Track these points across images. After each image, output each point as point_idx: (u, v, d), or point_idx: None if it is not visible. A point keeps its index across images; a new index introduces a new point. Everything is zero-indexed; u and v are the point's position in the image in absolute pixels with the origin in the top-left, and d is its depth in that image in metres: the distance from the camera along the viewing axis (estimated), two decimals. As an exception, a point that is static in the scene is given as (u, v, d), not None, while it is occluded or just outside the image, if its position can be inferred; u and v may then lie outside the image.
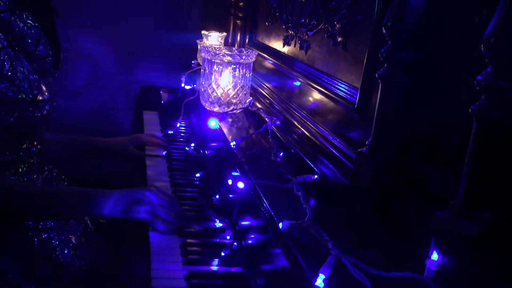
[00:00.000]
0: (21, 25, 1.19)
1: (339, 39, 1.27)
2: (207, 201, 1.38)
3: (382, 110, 0.91)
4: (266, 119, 1.42)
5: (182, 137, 1.99)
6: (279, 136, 1.30)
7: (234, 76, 1.58)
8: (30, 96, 1.18)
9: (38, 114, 1.22)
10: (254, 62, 1.63)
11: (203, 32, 2.29)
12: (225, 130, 1.45)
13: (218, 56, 1.57)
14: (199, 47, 2.35)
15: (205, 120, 1.85)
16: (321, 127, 1.25)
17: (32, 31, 1.22)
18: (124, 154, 1.72)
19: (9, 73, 1.14)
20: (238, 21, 2.32)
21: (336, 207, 0.93)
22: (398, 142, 0.89)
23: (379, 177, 0.90)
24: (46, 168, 1.36)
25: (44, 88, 1.25)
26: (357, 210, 0.91)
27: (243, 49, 1.64)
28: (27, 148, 1.27)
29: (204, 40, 2.28)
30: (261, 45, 2.07)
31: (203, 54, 1.62)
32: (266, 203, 0.96)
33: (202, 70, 1.65)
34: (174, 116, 2.30)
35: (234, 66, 1.57)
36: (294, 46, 1.63)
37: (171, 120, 2.24)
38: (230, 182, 1.15)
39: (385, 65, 0.90)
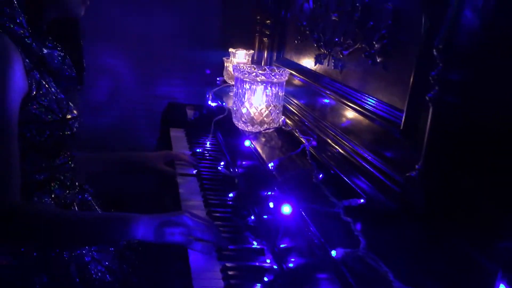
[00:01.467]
0: (45, 50, 1.20)
1: (379, 59, 1.25)
2: (243, 222, 1.37)
3: (434, 133, 0.89)
4: (302, 139, 1.40)
5: (210, 155, 1.99)
6: (318, 157, 1.29)
7: (267, 95, 1.57)
8: (60, 115, 1.20)
9: (68, 132, 1.23)
10: (282, 79, 1.63)
11: (230, 49, 2.30)
12: (260, 150, 1.44)
13: (251, 76, 1.56)
14: (225, 64, 2.36)
15: (235, 139, 1.84)
16: (359, 147, 1.23)
17: (56, 54, 1.24)
18: (155, 170, 1.71)
19: (38, 95, 1.15)
20: (265, 39, 2.32)
21: (389, 233, 0.91)
22: (452, 166, 0.87)
23: (433, 202, 0.87)
24: (77, 183, 1.36)
25: (71, 105, 1.26)
26: (411, 237, 0.88)
27: (275, 68, 1.63)
28: (59, 166, 1.27)
29: (231, 57, 2.28)
30: (290, 62, 2.07)
31: (236, 74, 1.61)
32: (313, 228, 0.95)
33: (234, 89, 1.64)
34: (201, 133, 2.30)
35: (267, 85, 1.56)
36: (328, 64, 1.62)
37: (198, 138, 2.24)
38: (271, 204, 1.13)
39: (436, 87, 0.89)
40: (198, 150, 2.05)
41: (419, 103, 1.00)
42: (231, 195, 1.55)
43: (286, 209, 0.99)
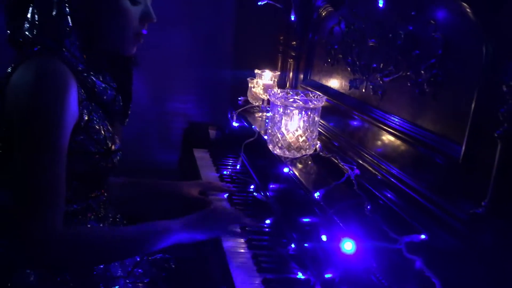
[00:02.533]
0: (99, 83, 1.21)
1: (428, 89, 1.24)
2: (284, 250, 1.35)
3: (504, 170, 0.88)
4: (344, 167, 1.39)
5: (239, 178, 1.96)
6: (363, 186, 1.27)
7: (304, 121, 1.56)
8: (105, 147, 1.20)
9: (110, 165, 1.23)
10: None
11: (256, 71, 2.29)
12: (300, 177, 1.42)
13: (289, 101, 1.55)
14: (250, 84, 2.35)
15: (265, 162, 1.83)
16: (407, 177, 1.21)
17: (108, 88, 1.25)
18: (188, 198, 1.68)
19: (87, 125, 1.15)
20: (290, 60, 2.32)
21: (456, 273, 0.89)
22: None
23: (503, 241, 0.86)
24: (110, 215, 1.35)
25: (117, 138, 1.27)
26: (480, 277, 0.86)
27: (309, 93, 1.62)
28: (96, 197, 1.27)
29: (257, 78, 2.28)
30: (318, 84, 2.06)
31: (272, 99, 1.60)
32: (375, 264, 0.93)
33: (270, 114, 1.63)
34: (225, 154, 2.28)
35: (304, 111, 1.55)
36: (365, 90, 1.61)
37: (223, 159, 2.22)
38: (324, 238, 1.11)
39: (506, 124, 0.87)
40: (225, 172, 2.03)
41: (482, 138, 0.98)
42: (268, 221, 1.53)
43: (348, 245, 0.97)
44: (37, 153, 1.03)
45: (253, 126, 1.96)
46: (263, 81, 2.24)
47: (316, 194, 1.26)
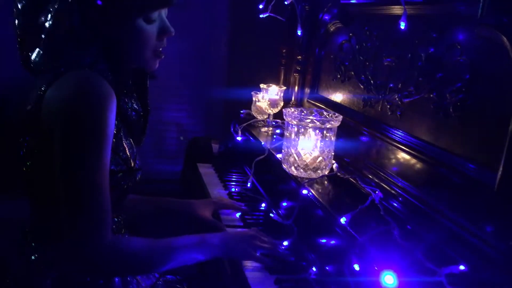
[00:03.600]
0: (125, 106, 1.21)
1: (454, 113, 1.23)
2: (306, 274, 1.33)
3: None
4: (366, 188, 1.37)
5: (248, 196, 1.93)
6: (389, 210, 1.25)
7: (320, 141, 1.54)
8: (128, 165, 1.18)
9: (130, 184, 1.21)
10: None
11: (262, 85, 2.27)
12: (322, 200, 1.40)
13: (306, 121, 1.53)
14: (254, 98, 2.32)
15: (276, 180, 1.80)
16: (434, 200, 1.20)
17: (133, 109, 1.24)
18: (200, 219, 1.65)
19: (116, 144, 1.14)
20: (296, 74, 2.30)
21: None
22: None
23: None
24: (121, 232, 1.32)
25: (138, 156, 1.25)
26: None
27: (323, 111, 1.60)
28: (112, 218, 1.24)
29: (263, 93, 2.25)
30: (326, 100, 2.04)
31: (288, 119, 1.58)
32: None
33: (286, 134, 1.61)
34: (229, 169, 2.25)
35: (320, 131, 1.53)
36: (381, 109, 1.60)
37: (228, 174, 2.19)
38: (357, 267, 1.09)
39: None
40: (233, 189, 2.00)
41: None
42: (285, 243, 1.50)
43: (389, 279, 0.95)
44: (87, 167, 1.02)
45: (262, 143, 1.94)
46: (269, 96, 2.22)
47: (343, 220, 1.24)
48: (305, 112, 1.64)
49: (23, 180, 1.16)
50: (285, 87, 2.25)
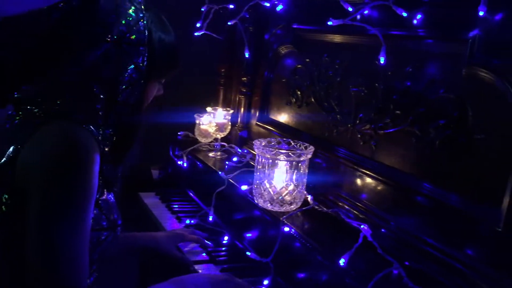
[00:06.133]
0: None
1: (440, 150, 1.25)
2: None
3: None
4: (351, 223, 1.36)
5: (206, 228, 1.82)
6: (385, 248, 1.24)
7: (292, 173, 1.50)
8: (111, 221, 1.12)
9: (109, 239, 1.13)
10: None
11: (208, 108, 2.17)
12: (308, 237, 1.35)
13: (278, 152, 1.48)
14: (197, 121, 2.22)
15: (241, 212, 1.73)
16: (428, 237, 1.21)
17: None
18: (166, 255, 1.53)
19: (100, 200, 1.08)
20: (241, 96, 2.23)
21: None
22: None
23: None
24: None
25: (118, 211, 1.18)
26: None
27: (300, 143, 1.57)
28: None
29: (209, 116, 2.16)
30: (279, 124, 2.01)
31: (257, 151, 1.52)
32: None
33: (257, 166, 1.54)
34: (175, 197, 2.13)
35: (293, 163, 1.49)
36: (350, 138, 1.59)
37: (176, 203, 2.07)
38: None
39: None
40: (188, 221, 1.88)
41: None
42: (266, 282, 1.43)
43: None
44: (66, 227, 0.93)
45: (219, 172, 1.84)
46: (217, 120, 2.13)
47: (341, 261, 1.21)
48: (272, 142, 1.60)
49: None
50: (232, 110, 2.18)
